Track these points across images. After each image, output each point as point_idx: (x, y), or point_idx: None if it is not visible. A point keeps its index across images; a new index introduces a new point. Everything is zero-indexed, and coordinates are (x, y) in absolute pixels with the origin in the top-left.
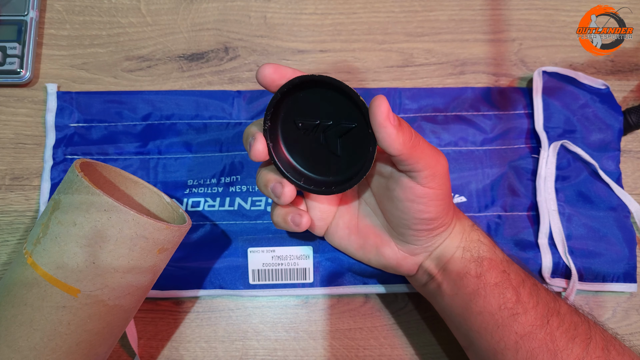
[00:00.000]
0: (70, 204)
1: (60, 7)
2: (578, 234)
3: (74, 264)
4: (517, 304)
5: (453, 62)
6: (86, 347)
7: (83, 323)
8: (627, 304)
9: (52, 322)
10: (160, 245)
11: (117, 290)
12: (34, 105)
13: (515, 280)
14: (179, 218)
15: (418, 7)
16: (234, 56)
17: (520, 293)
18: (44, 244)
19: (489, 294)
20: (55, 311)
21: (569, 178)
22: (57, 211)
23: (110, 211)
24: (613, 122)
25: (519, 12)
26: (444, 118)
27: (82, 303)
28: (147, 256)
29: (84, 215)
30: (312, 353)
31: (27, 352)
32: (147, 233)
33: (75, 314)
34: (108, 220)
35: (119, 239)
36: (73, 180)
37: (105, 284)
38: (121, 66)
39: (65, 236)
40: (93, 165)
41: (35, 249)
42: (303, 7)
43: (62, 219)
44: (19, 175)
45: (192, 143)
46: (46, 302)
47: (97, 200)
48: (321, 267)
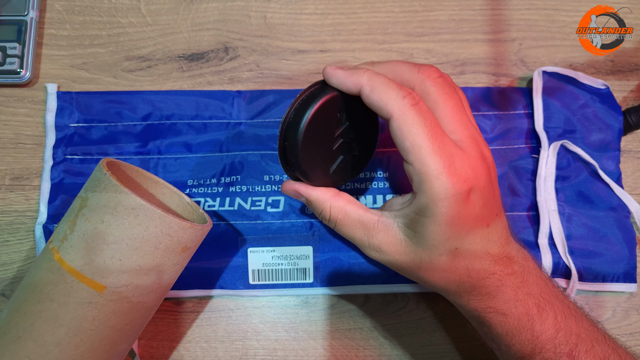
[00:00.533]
0: (97, 201)
1: (60, 7)
2: (578, 234)
3: (101, 260)
4: None
5: (453, 62)
6: (108, 343)
7: (107, 319)
8: (627, 304)
9: (77, 317)
10: (183, 244)
11: (141, 287)
12: (34, 105)
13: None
14: (199, 218)
15: (418, 7)
16: (234, 56)
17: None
18: (71, 240)
19: None
20: (81, 307)
21: (569, 178)
22: (85, 209)
23: (137, 209)
24: (613, 122)
25: (519, 12)
26: None
27: (107, 299)
28: (171, 254)
29: (112, 213)
30: (312, 353)
31: (52, 347)
32: (172, 232)
33: (100, 310)
34: (135, 219)
35: (145, 237)
36: (100, 179)
37: (130, 281)
38: (121, 66)
39: (92, 233)
40: (117, 164)
41: (62, 245)
42: (303, 7)
43: (89, 216)
44: (19, 175)
45: (192, 143)
46: (72, 297)
47: (125, 199)
48: (321, 267)
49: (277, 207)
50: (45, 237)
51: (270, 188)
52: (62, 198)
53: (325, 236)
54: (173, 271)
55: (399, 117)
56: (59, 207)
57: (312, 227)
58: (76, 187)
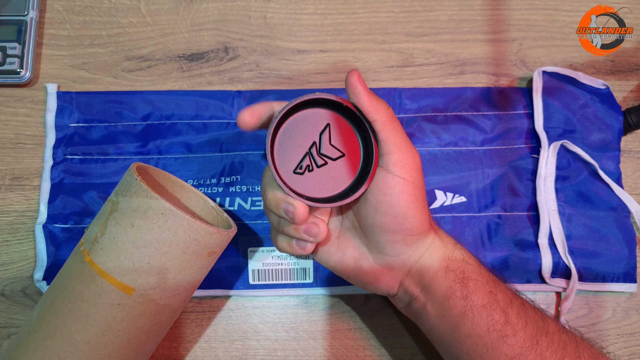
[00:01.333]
0: (128, 206)
1: (60, 7)
2: (578, 234)
3: (130, 263)
4: (506, 326)
5: (453, 62)
6: (135, 343)
7: (135, 320)
8: (627, 304)
9: (106, 318)
10: (210, 249)
11: (168, 290)
12: (34, 105)
13: (502, 300)
14: (223, 222)
15: (418, 7)
16: (234, 56)
17: (509, 314)
18: (102, 243)
19: (476, 316)
20: (110, 308)
21: (569, 178)
22: (116, 212)
23: (166, 214)
24: (613, 122)
25: (519, 12)
26: (444, 118)
27: (136, 301)
28: (197, 259)
29: (142, 217)
30: (312, 353)
31: (81, 346)
32: (200, 237)
33: (129, 312)
34: (164, 223)
35: (174, 242)
36: (131, 184)
37: (158, 284)
38: (121, 66)
39: (123, 237)
40: (145, 168)
41: (93, 247)
42: (303, 7)
43: (120, 220)
44: (19, 175)
45: (192, 143)
46: (102, 298)
47: (155, 204)
48: (321, 267)
49: None
50: (45, 237)
51: None
52: (62, 198)
53: None
54: (199, 275)
55: (386, 123)
56: (59, 207)
57: None
58: (76, 187)
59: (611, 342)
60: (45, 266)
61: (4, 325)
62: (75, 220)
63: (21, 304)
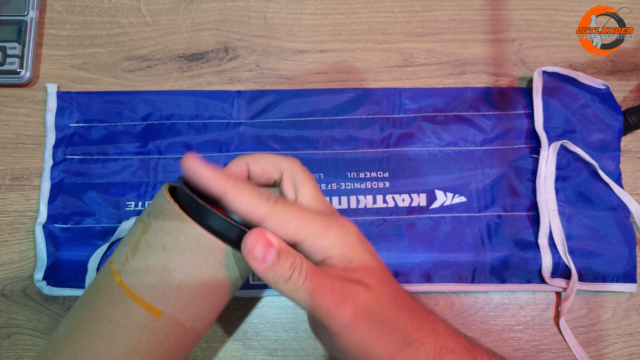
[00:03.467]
0: (160, 228)
1: (60, 7)
2: (578, 234)
3: (160, 286)
4: None
5: (453, 62)
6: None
7: (161, 342)
8: (627, 304)
9: (133, 339)
10: (238, 274)
11: (195, 314)
12: (34, 105)
13: None
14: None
15: (418, 7)
16: (234, 56)
17: None
18: (132, 264)
19: None
20: (138, 330)
21: (569, 178)
22: (147, 234)
23: (198, 239)
24: (613, 122)
25: (519, 12)
26: (444, 118)
27: (163, 324)
28: (226, 283)
29: (174, 241)
30: (312, 353)
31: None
32: (229, 261)
33: (155, 334)
34: (196, 248)
35: (204, 266)
36: (164, 206)
37: (186, 307)
38: (121, 66)
39: (153, 259)
40: (175, 187)
41: (123, 268)
42: (303, 7)
43: (151, 242)
44: (19, 175)
45: (192, 143)
46: (130, 320)
47: (187, 228)
48: None
49: None
50: (45, 237)
51: None
52: (62, 198)
53: None
54: (225, 299)
55: (272, 215)
56: (59, 207)
57: None
58: (76, 187)
59: (611, 342)
60: (45, 266)
61: (4, 325)
62: (75, 220)
63: (21, 304)
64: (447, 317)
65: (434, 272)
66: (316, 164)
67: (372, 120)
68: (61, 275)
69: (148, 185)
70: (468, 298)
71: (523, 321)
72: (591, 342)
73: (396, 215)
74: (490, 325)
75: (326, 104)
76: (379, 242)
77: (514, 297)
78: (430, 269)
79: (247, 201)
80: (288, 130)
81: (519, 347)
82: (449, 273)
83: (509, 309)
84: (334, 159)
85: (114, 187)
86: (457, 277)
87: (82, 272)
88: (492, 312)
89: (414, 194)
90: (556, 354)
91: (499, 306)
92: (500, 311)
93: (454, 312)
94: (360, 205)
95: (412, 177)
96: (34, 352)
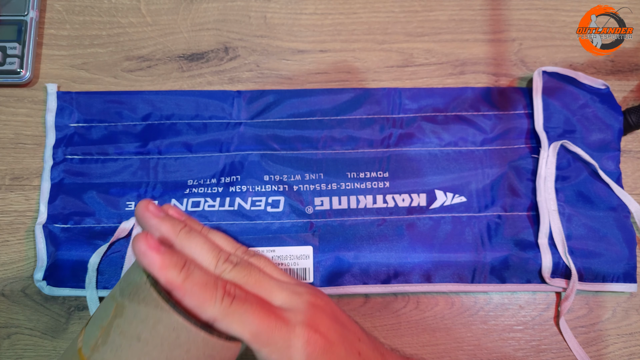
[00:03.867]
0: (135, 314)
1: (60, 7)
2: (578, 234)
3: None
4: None
5: (453, 62)
6: None
7: None
8: (627, 304)
9: None
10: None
11: None
12: (34, 105)
13: None
14: None
15: (418, 7)
16: (234, 56)
17: None
18: (104, 353)
19: None
20: None
21: (569, 178)
22: (120, 319)
23: (178, 330)
24: (613, 122)
25: (519, 12)
26: (444, 118)
27: None
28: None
29: (150, 331)
30: None
31: None
32: (215, 352)
33: None
34: (176, 340)
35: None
36: (140, 287)
37: None
38: (121, 66)
39: (127, 350)
40: None
41: (92, 355)
42: (303, 7)
43: (125, 329)
44: (19, 175)
45: (192, 143)
46: None
47: (166, 318)
48: (321, 267)
49: (277, 207)
50: (45, 237)
51: (270, 188)
52: (62, 198)
53: (325, 236)
54: None
55: (224, 318)
56: (59, 207)
57: (312, 227)
58: (76, 187)
59: (611, 342)
60: (45, 266)
61: (4, 325)
62: (75, 220)
63: (21, 304)
64: (447, 317)
65: (434, 272)
66: (316, 164)
67: (372, 120)
68: (61, 275)
69: (148, 185)
70: (468, 298)
71: (523, 321)
72: (591, 342)
73: (396, 215)
74: (490, 325)
75: (326, 104)
76: (379, 242)
77: (514, 297)
78: (430, 269)
79: (195, 300)
80: (288, 130)
81: (519, 347)
82: (449, 273)
83: (509, 309)
84: (334, 159)
85: (114, 187)
86: (457, 277)
87: (82, 272)
88: (492, 312)
89: (414, 194)
90: (556, 354)
91: (499, 306)
92: (500, 311)
93: (454, 312)
94: (360, 205)
95: (412, 177)
96: (33, 352)
